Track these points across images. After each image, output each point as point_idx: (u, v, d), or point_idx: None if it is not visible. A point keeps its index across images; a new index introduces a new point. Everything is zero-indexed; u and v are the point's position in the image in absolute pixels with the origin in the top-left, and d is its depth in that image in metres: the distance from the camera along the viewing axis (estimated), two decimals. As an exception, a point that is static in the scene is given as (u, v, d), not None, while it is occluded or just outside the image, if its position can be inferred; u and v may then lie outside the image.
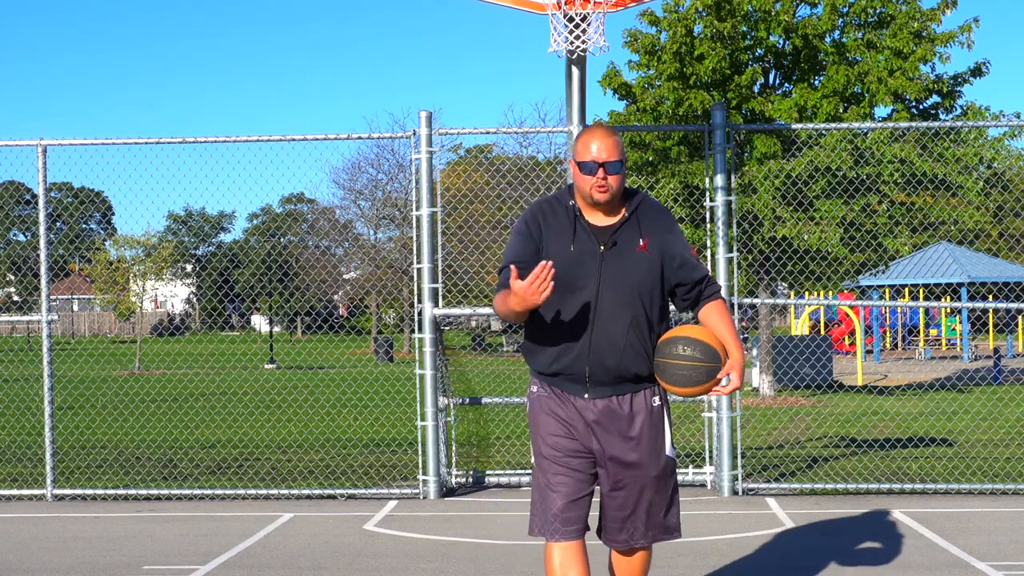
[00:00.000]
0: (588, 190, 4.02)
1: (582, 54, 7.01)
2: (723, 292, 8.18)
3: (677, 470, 4.25)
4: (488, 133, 9.22)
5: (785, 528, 7.01)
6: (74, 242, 48.44)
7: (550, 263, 3.77)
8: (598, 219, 4.08)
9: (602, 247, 4.03)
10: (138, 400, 18.01)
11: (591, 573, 4.18)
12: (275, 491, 8.45)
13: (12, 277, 61.76)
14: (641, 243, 4.04)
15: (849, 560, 6.11)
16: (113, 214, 66.75)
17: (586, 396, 4.06)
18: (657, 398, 4.12)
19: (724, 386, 4.07)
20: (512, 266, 3.88)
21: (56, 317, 8.73)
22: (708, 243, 8.93)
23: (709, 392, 4.07)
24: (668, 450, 4.13)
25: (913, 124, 9.78)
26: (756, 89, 16.77)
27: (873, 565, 6.01)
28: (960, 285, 30.62)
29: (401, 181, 38.49)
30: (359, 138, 10.94)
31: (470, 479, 8.73)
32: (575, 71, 7.47)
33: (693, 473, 8.60)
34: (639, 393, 4.09)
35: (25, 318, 9.14)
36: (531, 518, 4.16)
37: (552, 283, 3.77)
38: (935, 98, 16.52)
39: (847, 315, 29.97)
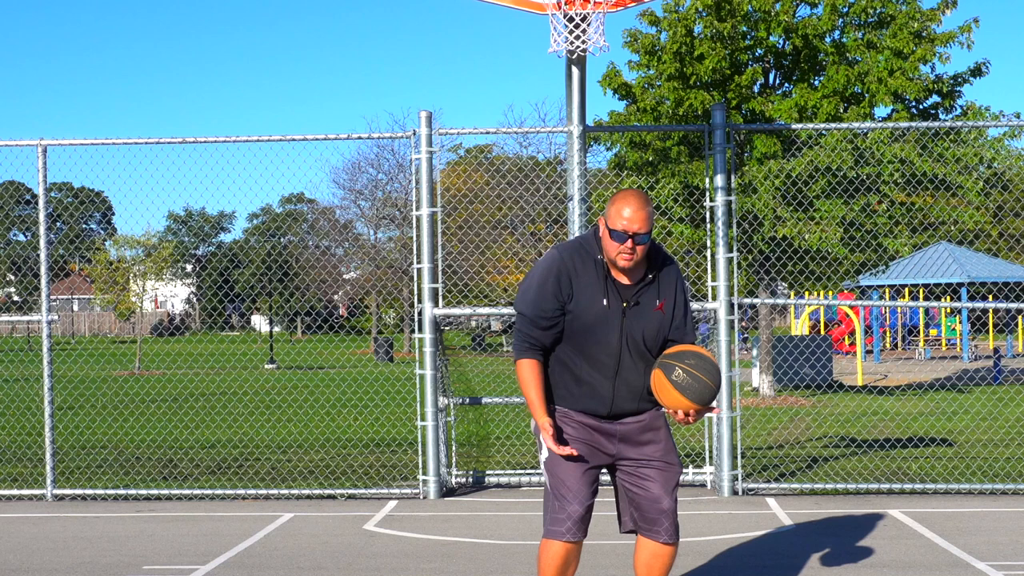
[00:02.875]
0: (614, 256, 4.28)
1: (582, 54, 7.01)
2: (722, 294, 8.21)
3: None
4: (488, 133, 9.22)
5: (785, 528, 7.02)
6: (74, 242, 48.46)
7: (575, 452, 4.25)
8: (622, 278, 4.37)
9: (624, 304, 4.32)
10: (138, 400, 18.00)
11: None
12: (275, 491, 8.45)
13: (12, 277, 61.78)
14: (658, 303, 4.36)
15: (849, 560, 6.12)
16: (113, 214, 66.85)
17: (607, 413, 4.40)
18: (662, 410, 4.46)
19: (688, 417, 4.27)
20: (547, 427, 4.28)
21: (56, 317, 8.73)
22: (708, 243, 8.93)
23: (682, 415, 4.26)
24: (677, 454, 4.49)
25: (913, 124, 9.75)
26: (756, 89, 16.76)
27: (873, 565, 6.01)
28: (960, 285, 30.62)
29: (401, 181, 38.50)
30: (359, 138, 10.94)
31: (470, 479, 8.73)
32: (575, 71, 7.47)
33: (693, 473, 8.60)
34: (652, 410, 4.45)
35: (25, 318, 9.14)
36: (552, 521, 4.38)
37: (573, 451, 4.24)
38: (935, 98, 16.52)
39: (847, 315, 29.97)
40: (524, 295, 4.35)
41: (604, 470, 4.52)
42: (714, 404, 4.27)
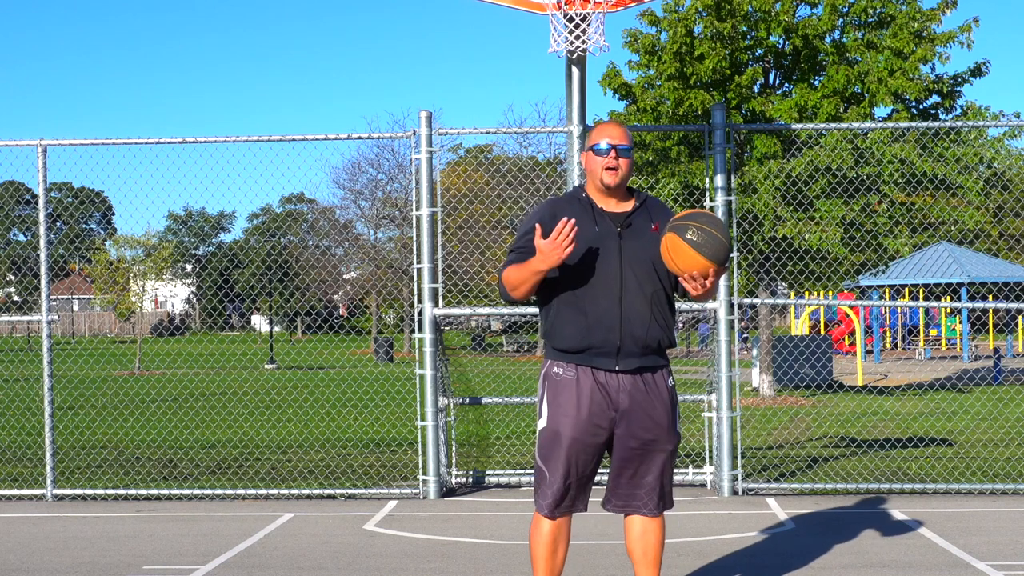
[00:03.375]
0: (600, 172, 4.33)
1: (582, 54, 7.01)
2: (722, 294, 8.21)
3: (676, 470, 4.56)
4: (488, 133, 9.22)
5: (785, 528, 7.01)
6: (74, 242, 48.43)
7: (572, 220, 4.07)
8: (611, 207, 4.39)
9: (619, 228, 4.33)
10: (138, 400, 18.00)
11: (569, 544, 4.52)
12: (275, 491, 8.45)
13: (12, 277, 61.77)
14: (653, 226, 4.36)
15: (849, 560, 6.11)
16: (113, 214, 66.85)
17: (616, 368, 4.30)
18: (671, 379, 4.44)
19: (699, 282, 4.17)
20: (537, 225, 4.17)
21: (56, 317, 8.73)
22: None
23: (698, 280, 4.13)
24: (678, 427, 4.47)
25: (913, 124, 9.76)
26: (756, 89, 16.76)
27: (873, 565, 6.01)
28: (960, 285, 30.62)
29: (401, 181, 38.52)
30: (359, 138, 10.94)
31: (470, 479, 8.73)
32: (575, 71, 7.47)
33: (693, 473, 8.60)
34: (659, 372, 4.39)
35: (25, 318, 9.14)
36: (538, 495, 4.38)
37: (574, 242, 4.08)
38: (935, 98, 16.52)
39: (847, 315, 29.97)
40: (516, 237, 4.42)
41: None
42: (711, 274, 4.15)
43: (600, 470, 4.67)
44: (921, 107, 16.60)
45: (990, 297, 32.30)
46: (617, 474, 4.42)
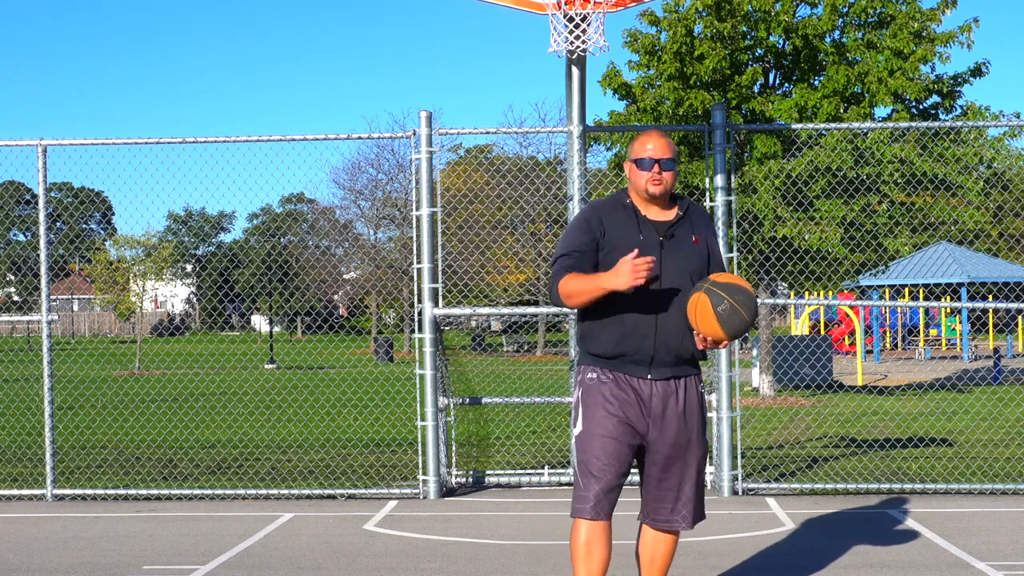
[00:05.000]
0: (644, 184, 4.38)
1: (582, 54, 7.01)
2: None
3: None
4: (488, 133, 9.22)
5: (785, 528, 7.01)
6: (74, 242, 48.42)
7: (651, 258, 4.16)
8: (655, 215, 4.43)
9: (662, 238, 4.37)
10: (138, 400, 18.00)
11: (611, 555, 4.44)
12: (275, 491, 8.45)
13: (12, 277, 61.76)
14: (694, 238, 4.42)
15: (849, 560, 6.11)
16: (113, 214, 66.80)
17: (649, 377, 4.35)
18: (702, 386, 4.50)
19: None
20: (636, 250, 4.19)
21: (56, 317, 8.73)
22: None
23: (710, 342, 4.28)
24: (705, 435, 4.51)
25: (913, 124, 9.76)
26: (756, 89, 16.76)
27: (873, 565, 6.01)
28: (960, 285, 30.62)
29: (401, 181, 38.52)
30: (359, 138, 10.94)
31: (470, 479, 8.73)
32: (575, 71, 7.47)
33: (693, 473, 8.59)
34: (691, 379, 4.44)
35: (25, 318, 9.14)
36: (577, 499, 4.38)
37: (651, 273, 4.13)
38: (935, 98, 16.52)
39: (847, 315, 29.97)
40: (560, 243, 4.45)
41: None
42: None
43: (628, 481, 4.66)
44: (921, 107, 16.60)
45: (990, 297, 32.30)
46: (656, 484, 4.43)
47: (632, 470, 4.43)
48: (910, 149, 15.01)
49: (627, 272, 4.11)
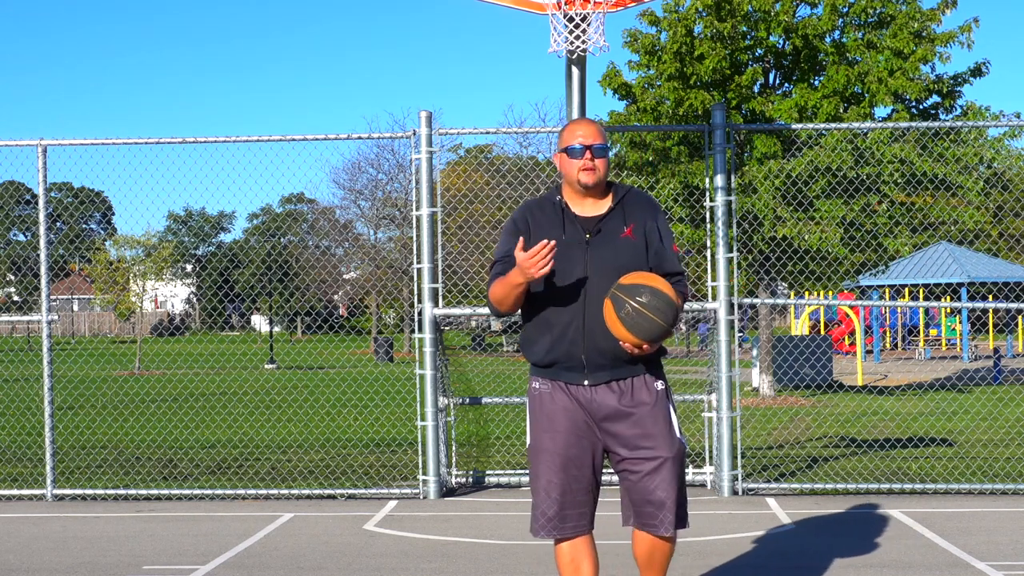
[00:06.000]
0: (575, 174, 4.14)
1: (582, 54, 7.01)
2: (722, 294, 8.20)
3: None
4: (488, 133, 9.22)
5: (785, 528, 7.01)
6: (74, 242, 48.42)
7: (552, 242, 3.91)
8: (586, 210, 4.19)
9: (588, 235, 4.12)
10: (138, 400, 18.00)
11: (599, 563, 4.24)
12: (275, 491, 8.45)
13: (12, 277, 61.76)
14: (626, 229, 4.14)
15: (849, 560, 6.11)
16: (113, 214, 66.82)
17: (586, 383, 4.10)
18: (659, 383, 4.16)
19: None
20: (520, 239, 4.02)
21: (56, 317, 8.73)
22: (708, 243, 8.93)
23: (630, 347, 3.99)
24: (678, 432, 4.15)
25: (913, 124, 9.78)
26: (756, 89, 16.76)
27: (873, 565, 6.01)
28: (960, 285, 30.62)
29: (401, 181, 38.51)
30: (359, 138, 10.94)
31: (470, 479, 8.73)
32: (575, 71, 7.46)
33: (693, 473, 8.59)
34: (639, 378, 4.13)
35: (25, 318, 9.14)
36: (532, 518, 4.20)
37: (552, 261, 3.89)
38: (935, 98, 16.52)
39: (847, 315, 29.97)
40: (495, 251, 4.28)
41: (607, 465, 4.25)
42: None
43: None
44: (921, 107, 16.60)
45: (990, 297, 32.30)
46: (625, 489, 4.15)
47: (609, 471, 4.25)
48: (910, 149, 15.01)
49: (527, 262, 3.88)
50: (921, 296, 32.39)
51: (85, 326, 56.00)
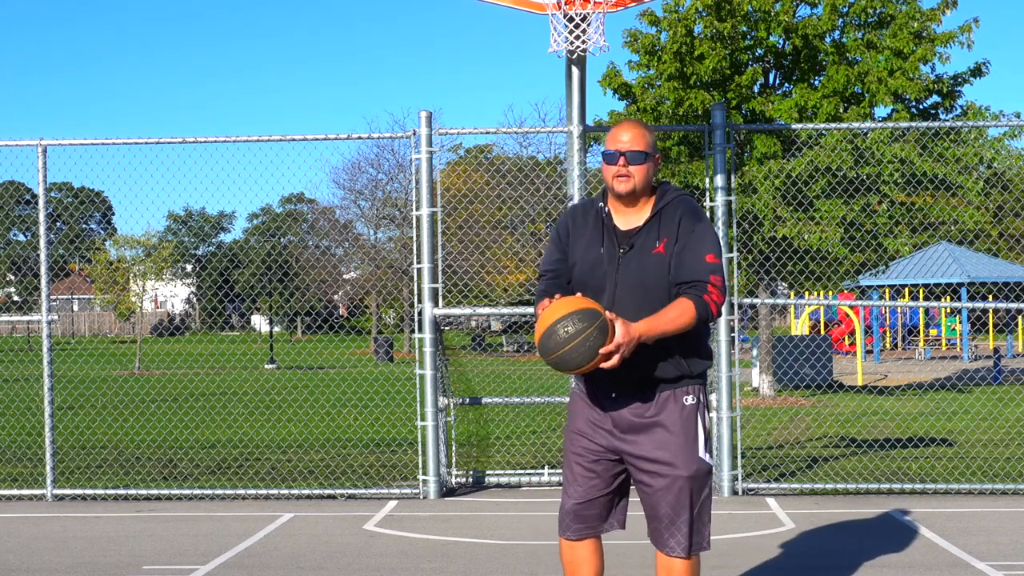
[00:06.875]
0: (611, 182, 3.99)
1: (582, 54, 7.01)
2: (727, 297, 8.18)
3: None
4: (488, 133, 9.22)
5: (785, 528, 7.01)
6: (74, 242, 48.43)
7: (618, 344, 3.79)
8: (625, 220, 4.02)
9: (620, 251, 3.96)
10: (138, 400, 18.00)
11: (603, 568, 4.20)
12: (275, 491, 8.45)
13: (12, 277, 61.76)
14: (658, 244, 3.93)
15: (849, 560, 6.11)
16: (113, 214, 66.80)
17: (613, 395, 3.99)
18: (691, 397, 3.99)
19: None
20: (547, 274, 4.05)
21: (56, 317, 8.73)
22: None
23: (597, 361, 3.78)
24: (702, 452, 3.99)
25: (913, 124, 9.75)
26: (756, 89, 16.76)
27: (873, 565, 6.01)
28: (960, 285, 30.62)
29: (401, 181, 38.51)
30: (359, 138, 10.94)
31: (470, 479, 8.73)
32: (575, 71, 7.47)
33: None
34: (668, 391, 3.97)
35: (25, 318, 9.14)
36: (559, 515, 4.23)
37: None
38: (935, 98, 16.52)
39: (847, 315, 29.97)
40: (544, 254, 4.19)
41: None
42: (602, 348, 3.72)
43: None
44: (921, 107, 16.60)
45: (990, 297, 32.30)
46: (645, 505, 4.05)
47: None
48: (910, 149, 15.01)
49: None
50: (921, 296, 32.39)
51: (85, 326, 56.00)
